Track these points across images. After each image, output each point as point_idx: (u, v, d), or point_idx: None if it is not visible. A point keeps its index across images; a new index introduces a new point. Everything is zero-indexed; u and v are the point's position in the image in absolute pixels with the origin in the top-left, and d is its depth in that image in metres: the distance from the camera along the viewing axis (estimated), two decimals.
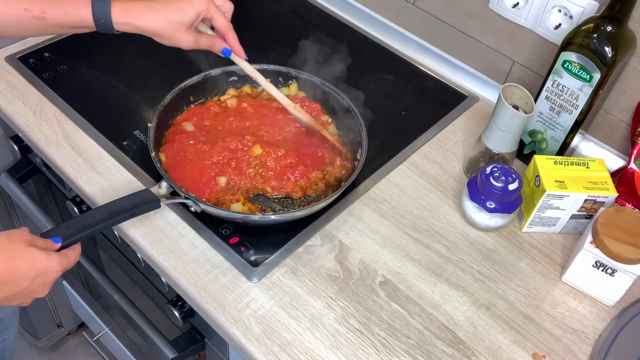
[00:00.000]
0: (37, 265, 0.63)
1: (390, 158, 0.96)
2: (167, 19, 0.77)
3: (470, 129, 1.03)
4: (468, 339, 0.76)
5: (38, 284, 0.65)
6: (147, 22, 0.77)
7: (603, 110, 0.96)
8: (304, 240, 0.84)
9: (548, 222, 0.87)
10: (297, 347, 0.73)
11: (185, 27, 0.79)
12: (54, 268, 0.65)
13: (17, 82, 1.01)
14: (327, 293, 0.79)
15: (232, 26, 0.84)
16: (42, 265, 0.64)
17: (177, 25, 0.78)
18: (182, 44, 0.80)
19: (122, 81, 1.04)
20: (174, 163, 0.86)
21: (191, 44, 0.81)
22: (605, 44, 0.82)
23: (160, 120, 0.89)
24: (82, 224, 0.71)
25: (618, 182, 0.92)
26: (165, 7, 0.78)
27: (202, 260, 0.80)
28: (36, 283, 0.65)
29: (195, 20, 0.80)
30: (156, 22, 0.77)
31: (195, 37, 0.81)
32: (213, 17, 0.81)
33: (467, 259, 0.85)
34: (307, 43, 1.05)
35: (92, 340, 1.42)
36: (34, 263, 0.63)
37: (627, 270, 0.77)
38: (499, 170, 0.82)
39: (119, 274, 1.16)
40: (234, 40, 0.84)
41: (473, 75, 1.11)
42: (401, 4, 1.15)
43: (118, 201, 0.76)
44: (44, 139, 0.93)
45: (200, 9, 0.79)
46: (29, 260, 0.63)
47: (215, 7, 0.81)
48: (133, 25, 0.77)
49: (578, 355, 0.76)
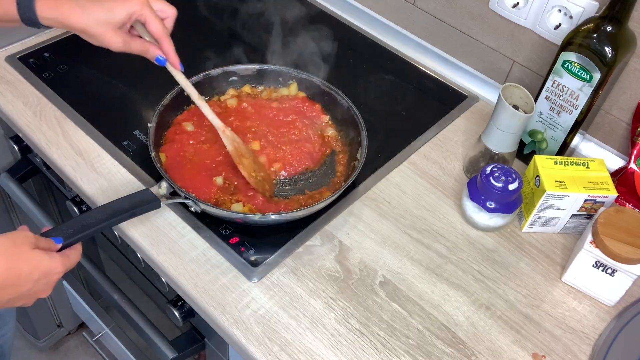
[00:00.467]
0: (40, 267, 0.64)
1: (390, 158, 0.96)
2: (94, 17, 0.74)
3: (470, 129, 1.03)
4: (468, 339, 0.76)
5: (41, 285, 0.65)
6: (74, 19, 0.74)
7: (603, 110, 0.96)
8: (304, 240, 0.84)
9: (548, 222, 0.87)
10: (297, 347, 0.73)
11: (113, 27, 0.75)
12: (57, 269, 0.66)
13: (17, 82, 1.01)
14: (327, 293, 0.79)
15: (168, 33, 0.80)
16: (45, 267, 0.64)
17: (104, 25, 0.75)
18: (110, 45, 0.77)
19: (122, 81, 1.04)
20: (174, 163, 0.87)
21: (120, 46, 0.77)
22: (605, 44, 0.82)
23: (160, 120, 0.89)
24: (82, 223, 0.71)
25: (618, 182, 0.92)
26: (94, 6, 0.75)
27: (202, 260, 0.80)
28: (39, 284, 0.65)
29: (125, 21, 0.76)
30: (83, 19, 0.74)
31: (126, 39, 0.77)
32: (147, 21, 0.77)
33: (467, 259, 0.85)
34: (306, 43, 1.05)
35: (92, 340, 1.42)
36: (38, 265, 0.63)
37: (627, 270, 0.77)
38: (499, 170, 0.82)
39: (119, 274, 1.16)
40: (169, 48, 0.79)
41: (473, 75, 1.11)
42: (401, 4, 1.15)
43: (118, 201, 0.76)
44: (44, 139, 0.93)
45: (132, 11, 0.75)
46: (32, 263, 0.63)
47: (150, 11, 0.77)
48: (59, 21, 0.75)
49: (578, 355, 0.76)
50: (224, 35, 1.15)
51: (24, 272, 0.62)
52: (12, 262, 0.62)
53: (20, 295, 0.64)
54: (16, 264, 0.62)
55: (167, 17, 0.81)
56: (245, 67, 0.98)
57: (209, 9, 1.20)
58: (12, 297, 0.63)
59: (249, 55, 1.06)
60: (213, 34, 1.15)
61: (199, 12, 1.19)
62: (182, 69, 0.82)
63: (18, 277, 0.62)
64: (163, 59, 0.80)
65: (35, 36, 1.10)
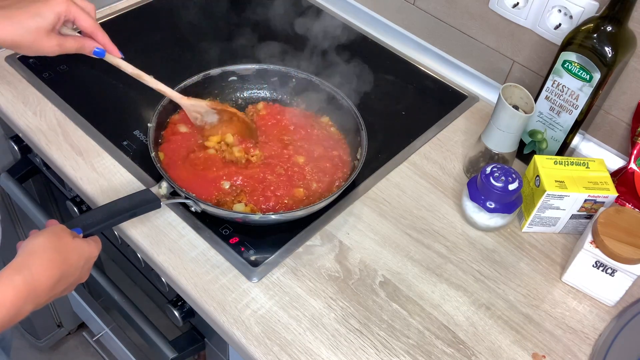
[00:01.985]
0: (84, 253, 0.67)
1: (390, 158, 0.96)
2: (23, 26, 0.70)
3: (470, 129, 1.03)
4: (468, 339, 0.76)
5: (85, 270, 0.69)
6: (2, 32, 0.70)
7: (603, 110, 0.96)
8: (304, 240, 0.84)
9: (548, 222, 0.87)
10: (297, 347, 0.73)
11: (45, 32, 0.72)
12: (94, 253, 0.69)
13: (17, 82, 1.01)
14: (327, 293, 0.79)
15: (99, 24, 0.78)
16: (87, 253, 0.68)
17: (36, 32, 0.71)
18: (46, 51, 0.74)
19: (122, 81, 1.03)
20: (174, 163, 0.86)
21: (56, 50, 0.74)
22: (605, 44, 0.82)
23: (159, 120, 0.89)
24: (82, 223, 0.72)
25: (618, 182, 0.92)
26: (19, 13, 0.70)
27: (202, 260, 0.80)
28: (84, 270, 0.68)
29: (55, 23, 0.73)
30: (12, 30, 0.70)
31: (60, 41, 0.74)
32: (76, 18, 0.75)
33: (467, 259, 0.85)
34: (306, 43, 1.05)
35: (92, 340, 1.42)
36: (82, 252, 0.67)
37: (627, 270, 0.77)
38: (499, 170, 0.82)
39: (119, 274, 1.16)
40: (105, 38, 0.78)
41: (473, 75, 1.11)
42: (401, 4, 1.15)
43: (118, 201, 0.76)
44: (44, 139, 0.93)
45: (59, 10, 0.72)
46: (78, 252, 0.66)
47: (76, 7, 0.74)
48: None
49: (578, 355, 0.76)
50: (223, 34, 1.15)
51: (74, 261, 0.65)
52: (63, 255, 0.64)
53: (70, 284, 0.67)
54: (67, 256, 0.65)
55: (89, 11, 0.78)
56: (244, 67, 0.98)
57: (209, 9, 1.20)
58: (65, 287, 0.66)
59: (248, 54, 1.06)
60: (213, 33, 1.14)
61: (199, 11, 1.19)
62: (121, 56, 0.81)
63: (70, 267, 0.65)
64: (101, 50, 0.78)
65: None
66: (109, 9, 1.18)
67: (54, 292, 0.64)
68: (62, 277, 0.64)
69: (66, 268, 0.64)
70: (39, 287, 0.61)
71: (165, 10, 1.20)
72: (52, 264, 0.63)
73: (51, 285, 0.63)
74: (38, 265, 0.62)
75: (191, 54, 1.09)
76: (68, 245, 0.65)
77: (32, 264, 0.61)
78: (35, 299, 0.62)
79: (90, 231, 0.72)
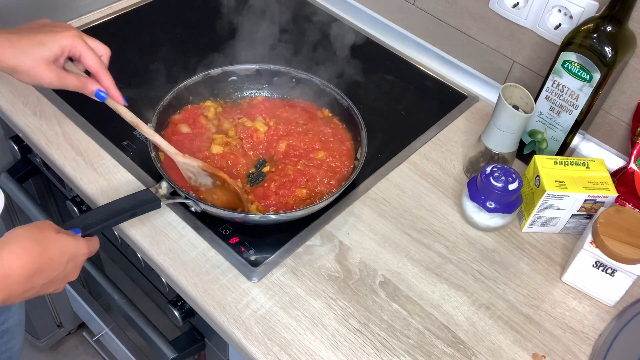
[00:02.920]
0: (68, 249, 0.65)
1: (390, 158, 0.96)
2: (25, 52, 0.70)
3: (470, 129, 1.03)
4: (468, 339, 0.76)
5: (71, 267, 0.67)
6: (2, 56, 0.70)
7: (603, 110, 0.96)
8: (304, 240, 0.84)
9: (548, 222, 0.87)
10: (297, 347, 0.73)
11: (45, 62, 0.71)
12: (83, 250, 0.68)
13: (17, 82, 1.00)
14: (327, 293, 0.79)
15: (105, 66, 0.77)
16: (72, 249, 0.66)
17: (36, 61, 0.70)
18: (44, 81, 0.72)
19: (122, 81, 1.03)
20: (173, 163, 0.86)
21: (54, 82, 0.73)
22: (605, 44, 0.82)
23: (159, 120, 0.89)
24: (82, 223, 0.72)
25: (618, 182, 0.92)
26: (23, 40, 0.70)
27: (202, 260, 0.80)
28: (69, 267, 0.67)
29: (58, 56, 0.73)
30: (12, 55, 0.70)
31: (60, 74, 0.73)
32: (82, 55, 0.74)
33: (467, 259, 0.85)
34: (306, 43, 1.05)
35: (92, 340, 1.41)
36: (66, 247, 0.65)
37: (627, 270, 0.77)
38: (499, 170, 0.82)
39: (119, 274, 1.16)
40: (109, 83, 0.77)
41: (473, 75, 1.11)
42: (401, 4, 1.15)
43: (118, 201, 0.76)
44: (44, 139, 0.93)
45: (65, 44, 0.72)
46: (60, 246, 0.65)
47: (84, 45, 0.74)
48: None
49: (578, 355, 0.76)
50: (222, 34, 1.15)
51: (55, 255, 0.64)
52: (42, 247, 0.63)
53: (52, 280, 0.65)
54: (46, 248, 0.63)
55: (102, 55, 0.78)
56: (244, 67, 0.98)
57: (208, 7, 1.20)
58: (45, 282, 0.64)
59: (247, 54, 1.06)
60: (212, 32, 1.14)
61: (197, 11, 1.19)
62: (125, 104, 0.80)
63: (50, 260, 0.63)
64: (104, 94, 0.77)
65: None
66: (109, 9, 1.18)
67: (31, 285, 0.62)
68: (40, 269, 0.62)
69: (45, 261, 0.63)
70: (11, 276, 0.60)
71: (165, 10, 1.20)
72: (27, 253, 0.61)
73: (26, 275, 0.61)
74: (9, 253, 0.60)
75: (192, 53, 1.09)
76: (49, 238, 0.64)
77: (3, 251, 0.60)
78: (6, 288, 0.60)
79: (90, 231, 0.72)
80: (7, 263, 0.60)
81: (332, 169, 0.89)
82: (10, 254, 0.60)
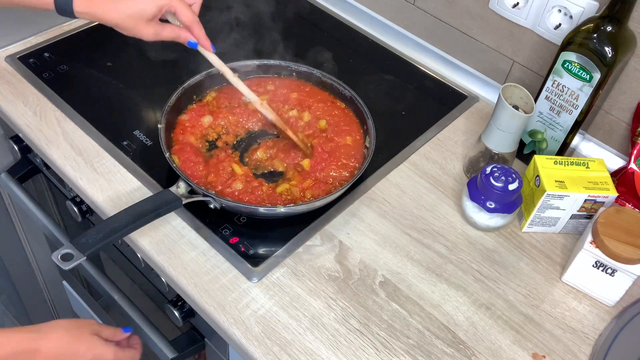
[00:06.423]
0: (94, 350, 0.75)
1: (390, 158, 0.96)
2: (126, 12, 0.79)
3: (470, 129, 1.03)
4: (468, 339, 0.76)
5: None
6: (106, 14, 0.79)
7: (603, 110, 0.96)
8: (304, 240, 0.84)
9: (548, 222, 0.87)
10: (297, 347, 0.73)
11: (144, 20, 0.79)
12: (108, 356, 0.76)
13: (17, 82, 1.01)
14: (327, 293, 0.79)
15: (197, 19, 0.83)
16: (98, 352, 0.75)
17: (136, 19, 0.79)
18: (143, 37, 0.81)
19: (122, 81, 1.04)
20: (184, 162, 0.86)
21: (152, 37, 0.81)
22: (605, 44, 0.82)
23: (168, 121, 0.89)
24: (109, 227, 0.74)
25: (618, 182, 0.92)
26: (125, 1, 0.79)
27: (202, 260, 0.80)
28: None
29: (156, 14, 0.80)
30: (115, 15, 0.79)
31: (157, 30, 0.81)
32: (177, 12, 0.81)
33: (467, 259, 0.85)
34: (306, 43, 1.05)
35: None
36: (92, 348, 0.75)
37: (627, 270, 0.77)
38: (499, 170, 0.82)
39: (119, 274, 1.16)
40: (200, 33, 0.84)
41: (473, 75, 1.11)
42: (401, 3, 1.15)
43: (141, 203, 0.78)
44: (44, 139, 0.93)
45: (162, 4, 0.80)
46: (87, 345, 0.74)
47: (178, 2, 0.81)
48: (93, 15, 0.80)
49: (578, 355, 0.76)
50: (224, 33, 1.15)
51: (80, 352, 0.74)
52: (72, 340, 0.73)
53: None
54: (75, 343, 0.73)
55: (194, 2, 0.85)
56: (245, 62, 0.98)
57: (209, 8, 1.20)
58: None
59: (249, 52, 1.06)
60: (214, 33, 1.14)
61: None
62: (214, 50, 0.86)
63: (76, 353, 0.73)
64: (195, 42, 0.84)
65: (35, 36, 1.10)
66: None
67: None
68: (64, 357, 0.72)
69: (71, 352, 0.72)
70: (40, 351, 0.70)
71: None
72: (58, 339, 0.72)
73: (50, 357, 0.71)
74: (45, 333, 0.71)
75: (192, 53, 1.09)
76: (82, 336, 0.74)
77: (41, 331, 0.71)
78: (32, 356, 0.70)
79: (119, 233, 0.74)
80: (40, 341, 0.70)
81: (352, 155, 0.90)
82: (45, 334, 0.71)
